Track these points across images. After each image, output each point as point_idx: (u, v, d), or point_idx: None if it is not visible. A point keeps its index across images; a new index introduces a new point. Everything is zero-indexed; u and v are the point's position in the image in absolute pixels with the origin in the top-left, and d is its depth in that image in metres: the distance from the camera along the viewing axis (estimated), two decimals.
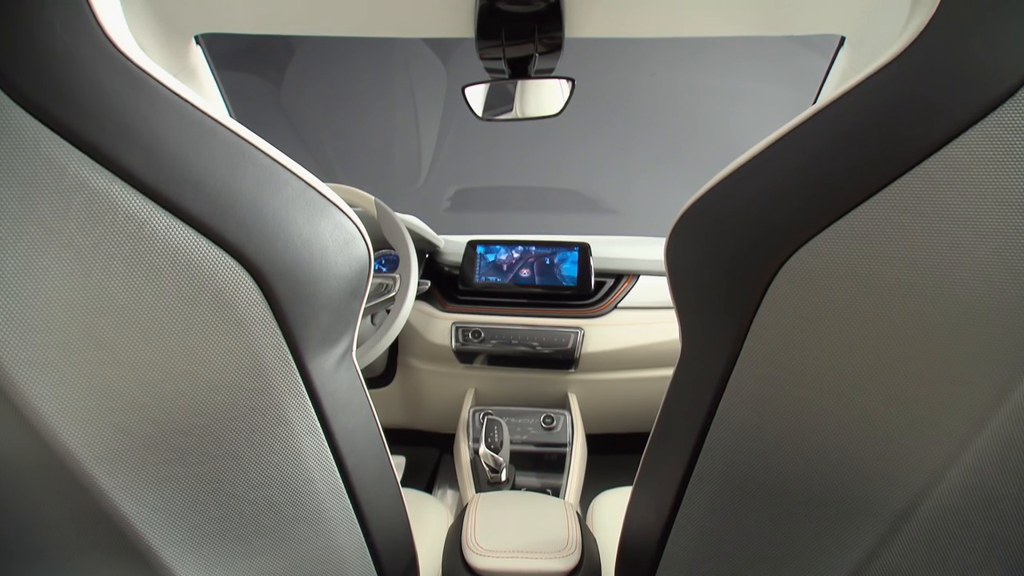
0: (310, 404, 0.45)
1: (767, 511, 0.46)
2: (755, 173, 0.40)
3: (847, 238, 0.36)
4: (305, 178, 0.42)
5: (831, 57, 1.24)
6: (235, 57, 1.62)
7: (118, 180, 0.35)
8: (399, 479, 1.43)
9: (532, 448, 1.12)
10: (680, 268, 0.47)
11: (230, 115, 1.30)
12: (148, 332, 0.38)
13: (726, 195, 0.42)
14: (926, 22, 0.33)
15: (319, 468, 0.47)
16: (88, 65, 0.35)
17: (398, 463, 1.55)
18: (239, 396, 0.42)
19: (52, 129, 0.34)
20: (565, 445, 1.12)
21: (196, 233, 0.37)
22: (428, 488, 1.62)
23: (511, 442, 1.10)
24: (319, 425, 0.46)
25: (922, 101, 0.33)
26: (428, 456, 1.70)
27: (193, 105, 0.38)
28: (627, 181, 1.86)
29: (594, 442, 1.23)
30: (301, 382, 0.44)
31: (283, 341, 0.42)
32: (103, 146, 0.35)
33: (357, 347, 1.01)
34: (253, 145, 0.40)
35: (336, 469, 0.48)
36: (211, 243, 0.37)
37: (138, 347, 0.38)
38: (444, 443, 1.52)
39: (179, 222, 0.36)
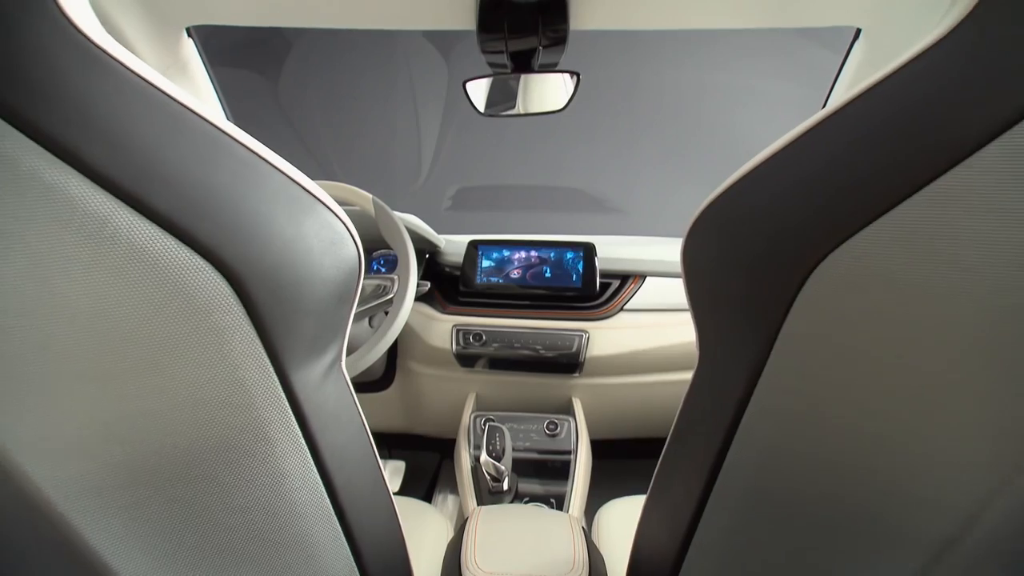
0: (294, 420, 0.41)
1: (795, 536, 0.43)
2: (783, 168, 0.37)
3: (889, 237, 0.32)
4: (288, 172, 0.39)
5: (845, 51, 1.20)
6: (231, 53, 1.59)
7: (76, 173, 0.31)
8: (398, 485, 1.39)
9: (535, 456, 1.09)
10: (698, 271, 0.43)
11: (225, 112, 1.27)
12: (112, 343, 0.34)
13: (750, 192, 0.38)
14: None
15: (305, 489, 0.43)
16: (41, 43, 0.31)
17: (397, 468, 1.51)
18: (215, 412, 0.38)
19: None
20: (569, 452, 1.08)
21: (164, 233, 0.33)
22: (428, 494, 1.59)
23: (513, 449, 1.07)
24: (304, 442, 0.42)
25: (981, 83, 0.29)
26: (428, 461, 1.66)
27: (162, 91, 0.34)
28: (632, 179, 1.82)
29: (599, 447, 1.19)
30: (284, 396, 0.40)
31: (263, 351, 0.38)
32: (58, 135, 0.31)
33: (354, 350, 0.97)
34: (229, 136, 0.36)
35: (324, 489, 0.44)
36: (181, 244, 0.34)
37: (101, 360, 0.35)
38: (445, 447, 1.48)
39: (145, 220, 0.33)
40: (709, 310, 0.43)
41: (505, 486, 0.99)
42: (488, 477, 0.98)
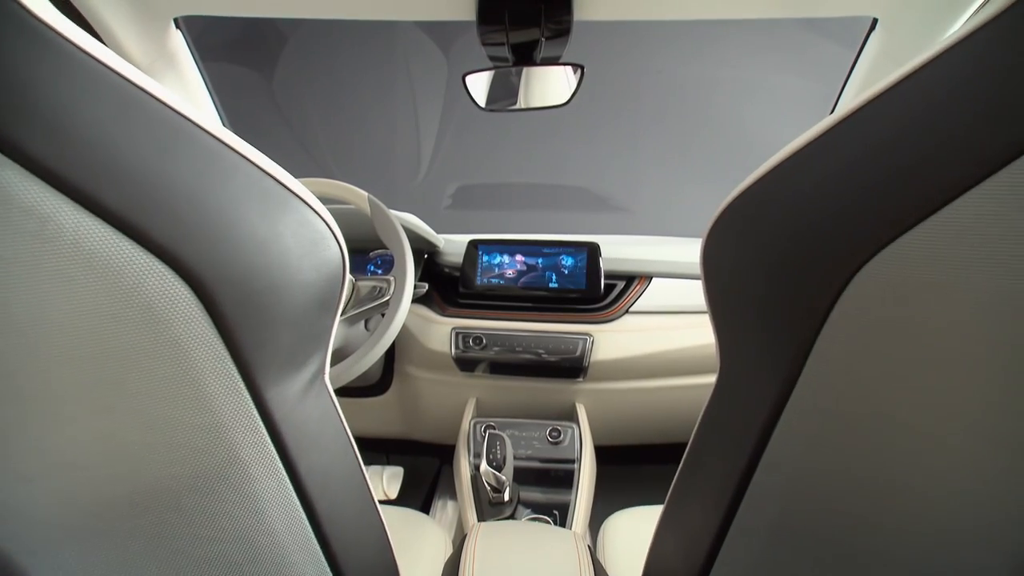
0: (269, 441, 0.37)
1: (827, 572, 0.38)
2: (819, 158, 0.32)
3: (948, 236, 0.27)
4: (261, 164, 0.34)
5: (856, 44, 1.16)
6: (224, 49, 1.55)
7: (11, 164, 0.27)
8: (396, 491, 1.35)
9: (537, 464, 1.04)
10: (720, 275, 0.39)
11: (216, 107, 1.23)
12: (59, 357, 0.30)
13: (781, 187, 0.34)
14: None
15: (282, 517, 0.39)
16: None
17: (395, 474, 1.47)
18: (177, 434, 0.34)
19: None
20: (573, 461, 1.04)
21: (116, 232, 0.29)
22: (428, 500, 1.55)
23: (515, 457, 1.02)
24: (282, 466, 0.38)
25: None
26: (428, 466, 1.62)
27: (113, 70, 0.29)
28: (638, 177, 1.78)
29: (603, 453, 1.15)
30: (257, 415, 0.36)
31: (232, 366, 0.34)
32: None
33: (350, 354, 0.93)
34: (192, 122, 0.31)
35: (304, 516, 0.40)
36: (136, 245, 0.29)
37: (47, 376, 0.30)
38: (444, 452, 1.44)
39: (93, 218, 0.28)
40: (732, 319, 0.39)
41: (506, 497, 0.95)
42: (488, 488, 0.94)
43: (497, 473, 0.93)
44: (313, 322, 0.38)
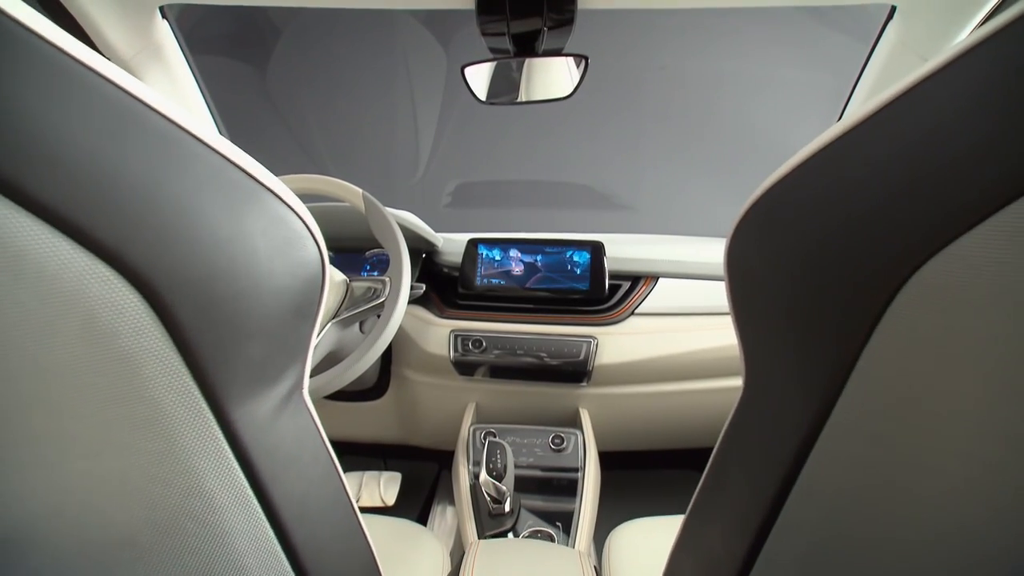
0: (237, 467, 0.33)
1: None
2: (870, 142, 0.28)
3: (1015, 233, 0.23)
4: (225, 152, 0.30)
5: (868, 35, 1.12)
6: (216, 43, 1.51)
7: None
8: (394, 498, 1.31)
9: (539, 473, 1.00)
10: (747, 278, 0.35)
11: (207, 103, 1.19)
12: None
13: (823, 176, 0.30)
14: None
15: (255, 551, 0.34)
16: None
17: (393, 480, 1.43)
18: (130, 461, 0.30)
19: None
20: (576, 470, 1.00)
21: (51, 230, 0.25)
22: (426, 506, 1.51)
23: (516, 466, 0.98)
24: (253, 494, 0.34)
25: None
26: (427, 471, 1.58)
27: (46, 40, 0.25)
28: (642, 174, 1.73)
29: (608, 459, 1.10)
30: (223, 438, 0.31)
31: (192, 383, 0.29)
32: None
33: (344, 357, 0.89)
34: (142, 102, 0.27)
35: (280, 549, 0.36)
36: (74, 244, 0.25)
37: None
38: (444, 457, 1.40)
39: (24, 213, 0.24)
40: (760, 326, 0.35)
41: (507, 508, 0.90)
42: (488, 498, 0.89)
43: (497, 483, 0.88)
44: (287, 332, 0.34)
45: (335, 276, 0.95)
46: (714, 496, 0.42)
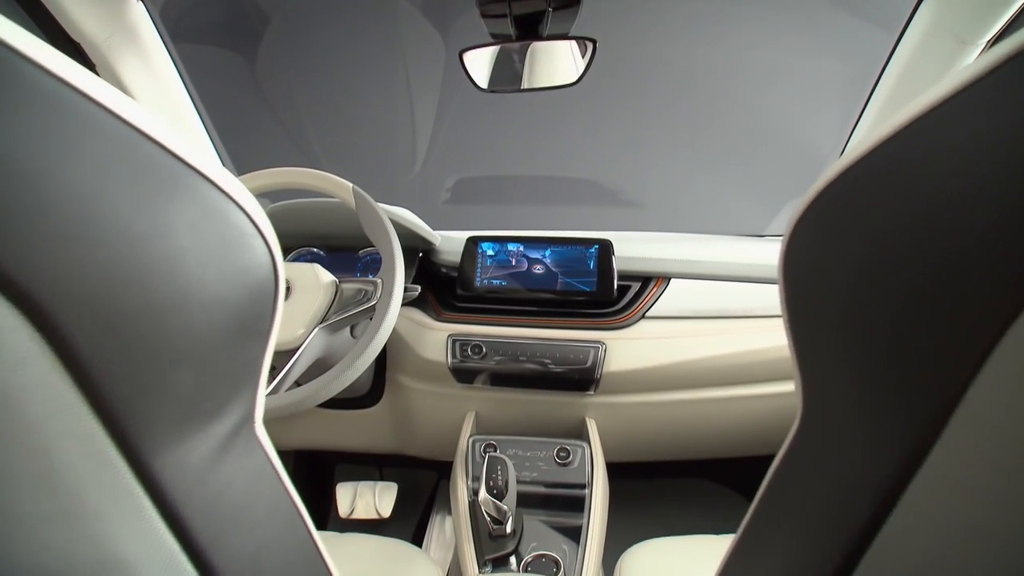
0: (164, 527, 0.25)
1: None
2: (976, 114, 0.21)
3: None
4: (140, 124, 0.23)
5: (889, 23, 1.06)
6: (203, 32, 1.43)
7: None
8: (389, 509, 1.24)
9: (543, 490, 0.93)
10: (812, 290, 0.27)
11: (188, 91, 1.12)
12: None
13: (921, 155, 0.22)
14: None
15: None
16: None
17: (388, 491, 1.37)
18: (20, 528, 0.23)
19: None
20: (583, 486, 0.93)
21: None
22: (424, 516, 1.44)
23: (518, 481, 0.91)
24: (187, 559, 0.26)
25: None
26: (425, 480, 1.52)
27: None
28: (651, 169, 1.66)
29: (616, 469, 1.03)
30: (142, 492, 0.24)
31: (96, 425, 0.22)
32: None
33: (334, 364, 0.83)
34: (24, 56, 0.20)
35: None
36: None
37: None
38: (443, 465, 1.34)
39: None
40: (828, 348, 0.28)
41: (508, 528, 0.83)
42: (488, 519, 0.82)
43: (498, 503, 0.81)
44: (228, 356, 0.27)
45: (323, 277, 0.89)
46: (757, 552, 0.34)
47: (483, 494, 0.83)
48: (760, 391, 1.03)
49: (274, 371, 0.84)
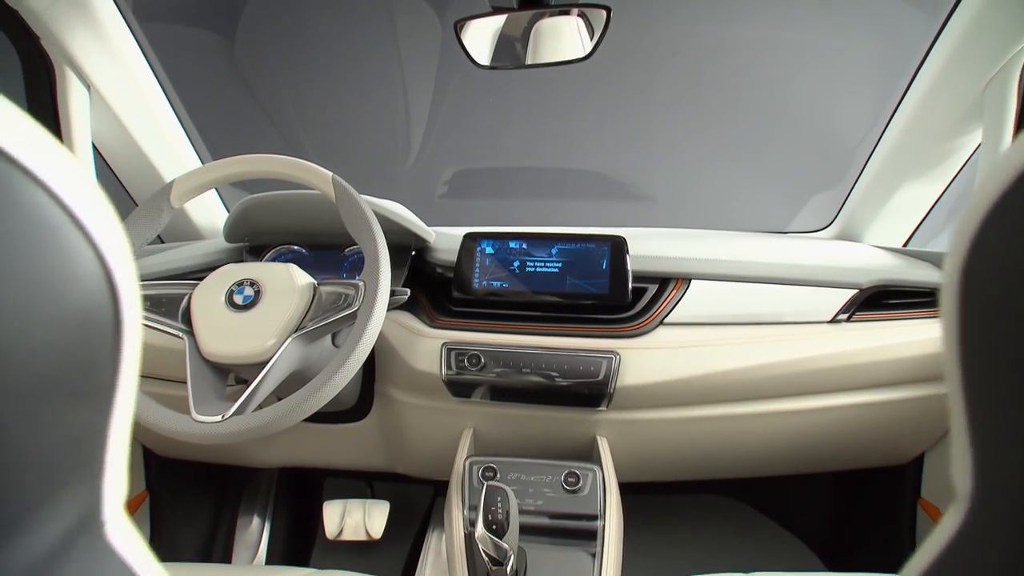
0: None
1: None
2: None
3: None
4: None
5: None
6: (174, 7, 1.32)
7: None
8: (380, 530, 1.13)
9: (548, 521, 0.82)
10: (1014, 322, 0.16)
11: (153, 71, 1.01)
12: None
13: None
14: None
15: None
16: None
17: (379, 509, 1.26)
18: None
19: None
20: (595, 517, 0.82)
21: None
22: (420, 536, 1.34)
23: (521, 511, 0.81)
24: None
25: None
26: (420, 495, 1.41)
27: None
28: (663, 160, 1.54)
29: (628, 487, 0.93)
30: None
31: None
32: None
33: (312, 377, 0.72)
34: None
35: None
36: None
37: None
38: (440, 480, 1.23)
39: None
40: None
41: (509, 568, 0.72)
42: (486, 558, 0.72)
43: (497, 541, 0.70)
44: (38, 431, 0.16)
45: (298, 280, 0.78)
46: None
47: (480, 530, 0.72)
48: (793, 406, 0.92)
49: (245, 386, 0.73)
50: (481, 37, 0.85)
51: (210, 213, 1.21)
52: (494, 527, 0.72)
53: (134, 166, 1.07)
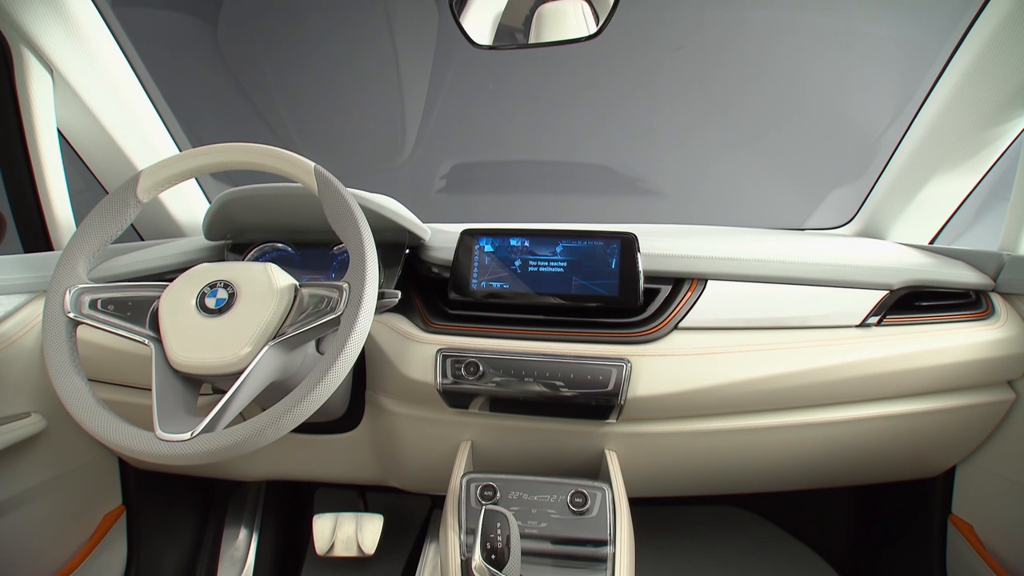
0: None
1: None
2: None
3: None
4: None
5: None
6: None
7: None
8: (374, 545, 1.06)
9: (551, 547, 0.75)
10: None
11: (125, 56, 0.94)
12: None
13: None
14: None
15: None
16: None
17: (372, 522, 1.19)
18: None
19: None
20: (605, 542, 0.75)
21: None
22: (415, 551, 1.27)
23: (523, 534, 0.74)
24: None
25: None
26: (416, 506, 1.34)
27: None
28: (672, 153, 1.48)
29: (636, 501, 0.86)
30: None
31: None
32: None
33: (293, 387, 0.65)
34: None
35: None
36: None
37: None
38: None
39: None
40: None
41: None
42: None
43: (496, 572, 0.63)
44: None
45: (278, 281, 0.71)
46: None
47: (478, 559, 0.65)
48: (819, 418, 0.85)
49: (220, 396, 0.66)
50: (480, 16, 0.78)
51: (192, 209, 1.14)
52: (493, 556, 0.65)
53: (106, 156, 1.00)
